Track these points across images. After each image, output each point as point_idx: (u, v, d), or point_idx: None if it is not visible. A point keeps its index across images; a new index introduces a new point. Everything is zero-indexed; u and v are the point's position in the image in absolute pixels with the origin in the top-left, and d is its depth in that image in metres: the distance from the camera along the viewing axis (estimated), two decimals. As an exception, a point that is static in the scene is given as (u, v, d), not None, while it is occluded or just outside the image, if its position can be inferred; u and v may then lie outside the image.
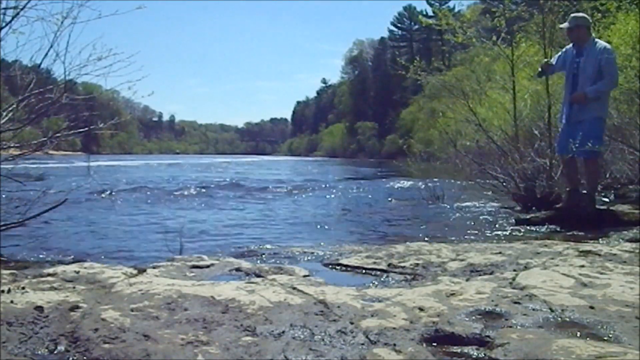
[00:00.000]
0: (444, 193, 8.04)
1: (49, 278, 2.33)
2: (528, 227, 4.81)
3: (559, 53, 5.26)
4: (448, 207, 6.98)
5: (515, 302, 1.98)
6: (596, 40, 4.91)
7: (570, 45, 5.03)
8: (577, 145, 4.66)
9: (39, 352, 1.61)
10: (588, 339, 1.64)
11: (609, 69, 4.72)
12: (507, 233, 4.65)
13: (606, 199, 6.65)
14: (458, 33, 7.93)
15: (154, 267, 2.67)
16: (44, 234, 4.55)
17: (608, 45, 4.90)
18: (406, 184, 12.25)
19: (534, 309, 1.91)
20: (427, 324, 1.78)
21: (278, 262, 3.16)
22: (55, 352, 1.62)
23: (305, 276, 2.57)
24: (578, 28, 4.88)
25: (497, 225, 5.15)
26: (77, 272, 2.40)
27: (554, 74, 5.74)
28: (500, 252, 3.11)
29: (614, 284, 2.24)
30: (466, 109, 7.66)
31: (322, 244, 3.96)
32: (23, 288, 2.11)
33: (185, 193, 9.97)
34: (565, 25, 5.04)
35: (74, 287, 2.18)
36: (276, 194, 10.22)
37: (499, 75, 8.65)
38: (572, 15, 5.08)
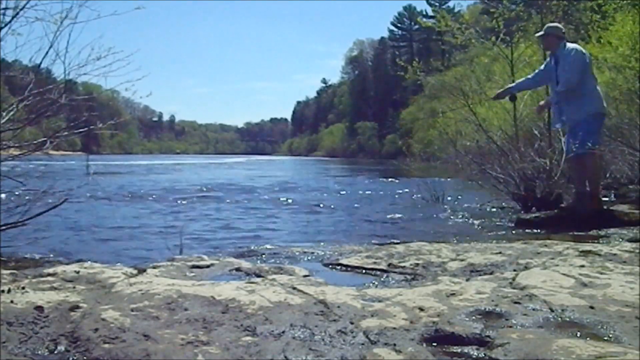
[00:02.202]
0: (444, 193, 8.03)
1: (49, 278, 2.33)
2: (528, 228, 4.81)
3: (541, 66, 5.41)
4: (448, 207, 6.97)
5: (516, 302, 1.98)
6: (567, 44, 5.02)
7: (549, 55, 5.24)
8: (576, 145, 4.72)
9: (39, 352, 1.61)
10: (588, 339, 1.64)
11: (565, 69, 4.87)
12: (507, 233, 4.64)
13: (606, 199, 6.65)
14: (457, 35, 7.96)
15: (154, 267, 2.67)
16: (44, 234, 4.54)
17: (573, 46, 4.99)
18: (406, 184, 12.25)
19: (534, 309, 1.91)
20: (427, 324, 1.78)
21: (278, 262, 3.16)
22: (55, 352, 1.62)
23: (305, 276, 2.57)
24: (547, 36, 5.08)
25: (497, 225, 5.15)
26: (77, 272, 2.40)
27: (520, 91, 6.08)
28: (500, 252, 3.11)
29: (614, 284, 2.24)
30: (466, 109, 7.67)
31: (322, 244, 3.96)
32: (23, 288, 2.11)
33: (185, 193, 9.96)
34: (538, 33, 5.29)
35: (74, 287, 2.18)
36: (276, 194, 10.21)
37: (499, 75, 8.67)
38: (546, 25, 5.32)
